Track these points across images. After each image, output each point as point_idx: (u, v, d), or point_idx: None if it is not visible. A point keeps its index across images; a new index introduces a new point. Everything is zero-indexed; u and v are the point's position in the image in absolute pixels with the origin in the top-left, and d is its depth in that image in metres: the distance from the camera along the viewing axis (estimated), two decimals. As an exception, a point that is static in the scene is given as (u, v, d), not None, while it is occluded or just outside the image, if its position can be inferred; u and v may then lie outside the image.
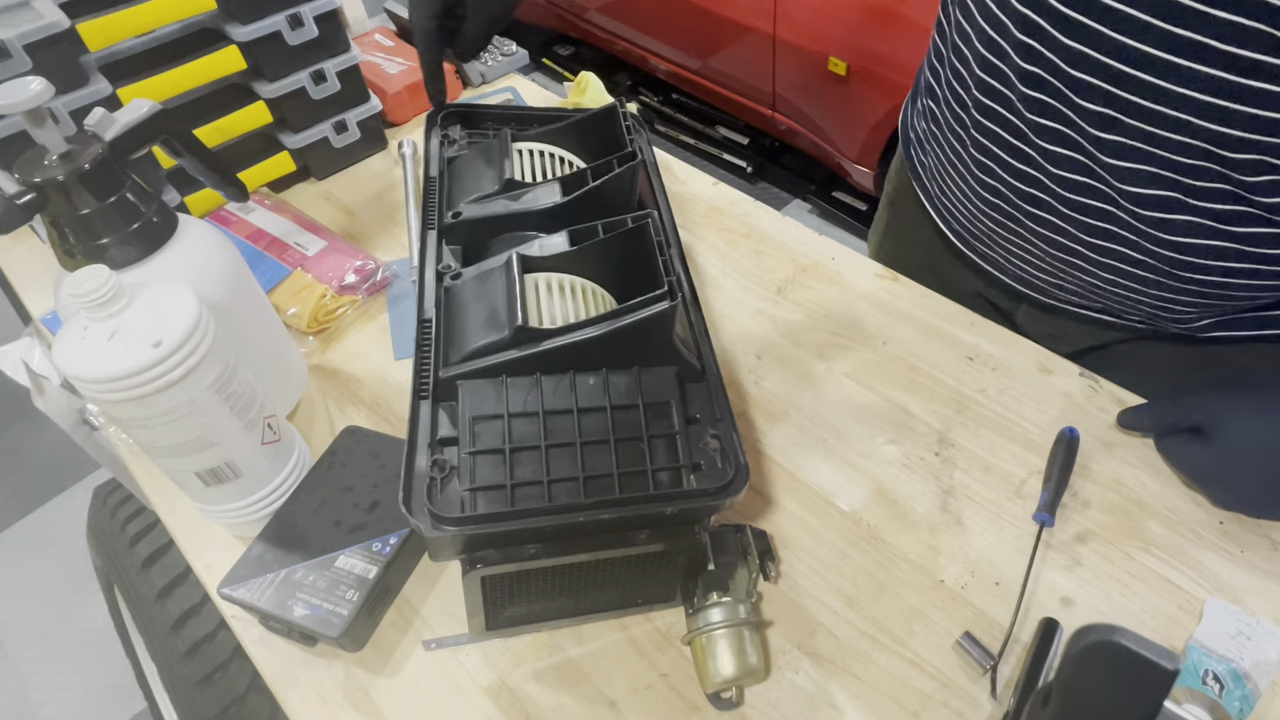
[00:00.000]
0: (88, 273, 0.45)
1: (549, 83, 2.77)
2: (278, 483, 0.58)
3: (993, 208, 0.63)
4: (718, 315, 0.74)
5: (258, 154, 0.87)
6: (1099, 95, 0.49)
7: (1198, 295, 0.57)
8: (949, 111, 0.63)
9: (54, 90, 0.48)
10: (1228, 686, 0.47)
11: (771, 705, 0.50)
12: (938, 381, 0.67)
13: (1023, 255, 0.64)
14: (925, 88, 0.69)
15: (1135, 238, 0.55)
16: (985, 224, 0.65)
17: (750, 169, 2.38)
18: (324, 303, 0.73)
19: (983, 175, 0.61)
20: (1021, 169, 0.57)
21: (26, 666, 1.57)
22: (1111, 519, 0.57)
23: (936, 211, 0.73)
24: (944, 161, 0.66)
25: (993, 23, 0.54)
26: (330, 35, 0.83)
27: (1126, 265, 0.57)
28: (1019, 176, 0.58)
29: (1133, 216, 0.53)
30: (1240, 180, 0.48)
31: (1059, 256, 0.61)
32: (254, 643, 0.55)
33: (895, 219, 0.83)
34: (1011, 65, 0.53)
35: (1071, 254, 0.60)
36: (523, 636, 0.54)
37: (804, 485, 0.61)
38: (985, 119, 0.58)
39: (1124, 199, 0.53)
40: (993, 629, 0.52)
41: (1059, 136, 0.53)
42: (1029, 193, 0.58)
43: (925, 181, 0.73)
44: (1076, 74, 0.49)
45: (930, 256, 0.77)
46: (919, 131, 0.71)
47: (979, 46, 0.56)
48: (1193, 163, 0.48)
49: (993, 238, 0.66)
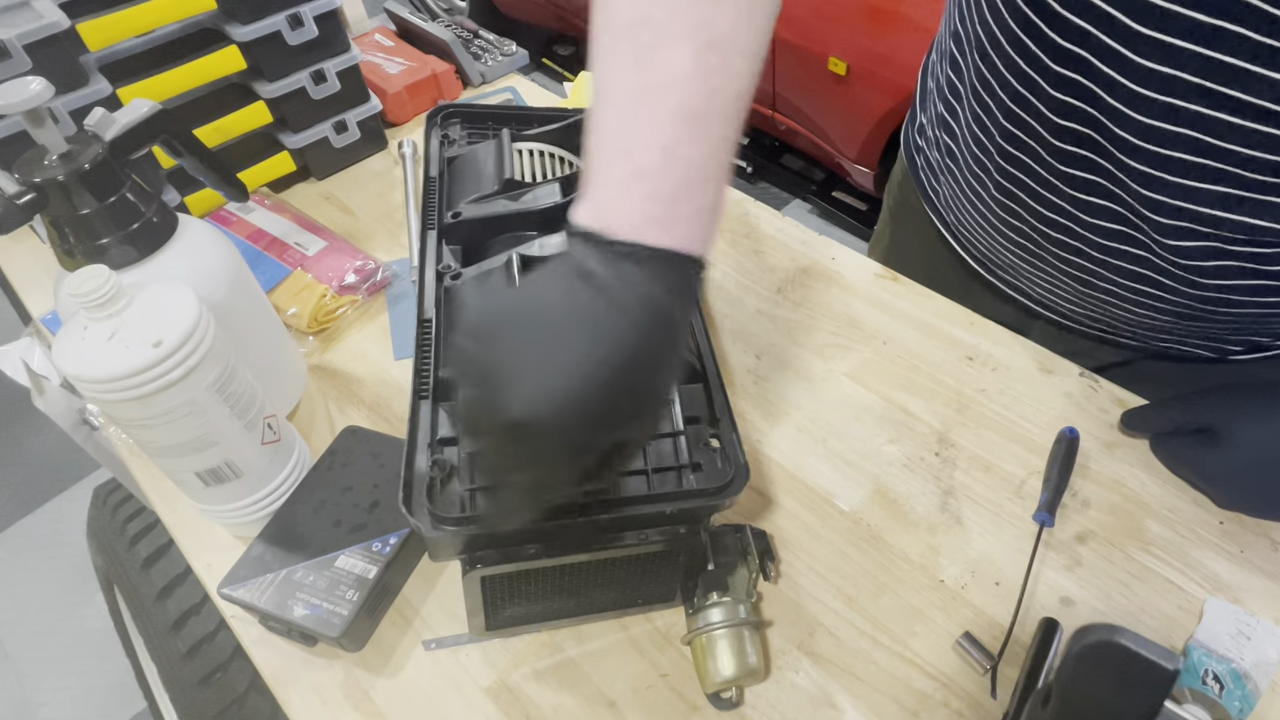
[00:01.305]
0: (88, 273, 0.45)
1: (549, 83, 2.77)
2: (278, 483, 0.58)
3: (1017, 245, 0.61)
4: (718, 315, 0.74)
5: (258, 154, 0.86)
6: (1144, 155, 0.47)
7: (1233, 327, 0.57)
8: (968, 151, 0.60)
9: (54, 90, 0.48)
10: (1228, 686, 0.47)
11: (771, 705, 0.50)
12: (938, 381, 0.67)
13: (1048, 287, 0.63)
14: (938, 120, 0.66)
15: (1172, 282, 0.54)
16: (1008, 256, 0.64)
17: (750, 169, 2.38)
18: (324, 303, 0.73)
19: (1005, 215, 0.59)
20: (1049, 215, 0.56)
21: (26, 666, 1.57)
22: (1111, 519, 0.57)
23: (953, 237, 0.71)
24: (962, 195, 0.64)
25: (1021, 78, 0.51)
26: (330, 35, 0.83)
27: (1159, 303, 0.56)
28: (1046, 221, 0.57)
29: (1170, 264, 0.52)
30: None
31: (1088, 293, 0.60)
32: (254, 643, 0.54)
33: (900, 233, 0.81)
34: (1042, 120, 0.51)
35: (1103, 292, 0.59)
36: (523, 636, 0.54)
37: (804, 485, 0.61)
38: (1010, 165, 0.56)
39: (1162, 249, 0.52)
40: (993, 629, 0.52)
41: (1094, 187, 0.52)
42: (1058, 237, 0.57)
43: (940, 209, 0.71)
44: (1120, 132, 0.47)
45: (940, 273, 0.75)
46: (932, 161, 0.69)
47: (1005, 99, 0.53)
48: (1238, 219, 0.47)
49: (1017, 269, 0.64)
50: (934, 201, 0.72)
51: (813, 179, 2.34)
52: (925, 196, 0.73)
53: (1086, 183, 0.52)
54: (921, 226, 0.75)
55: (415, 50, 1.03)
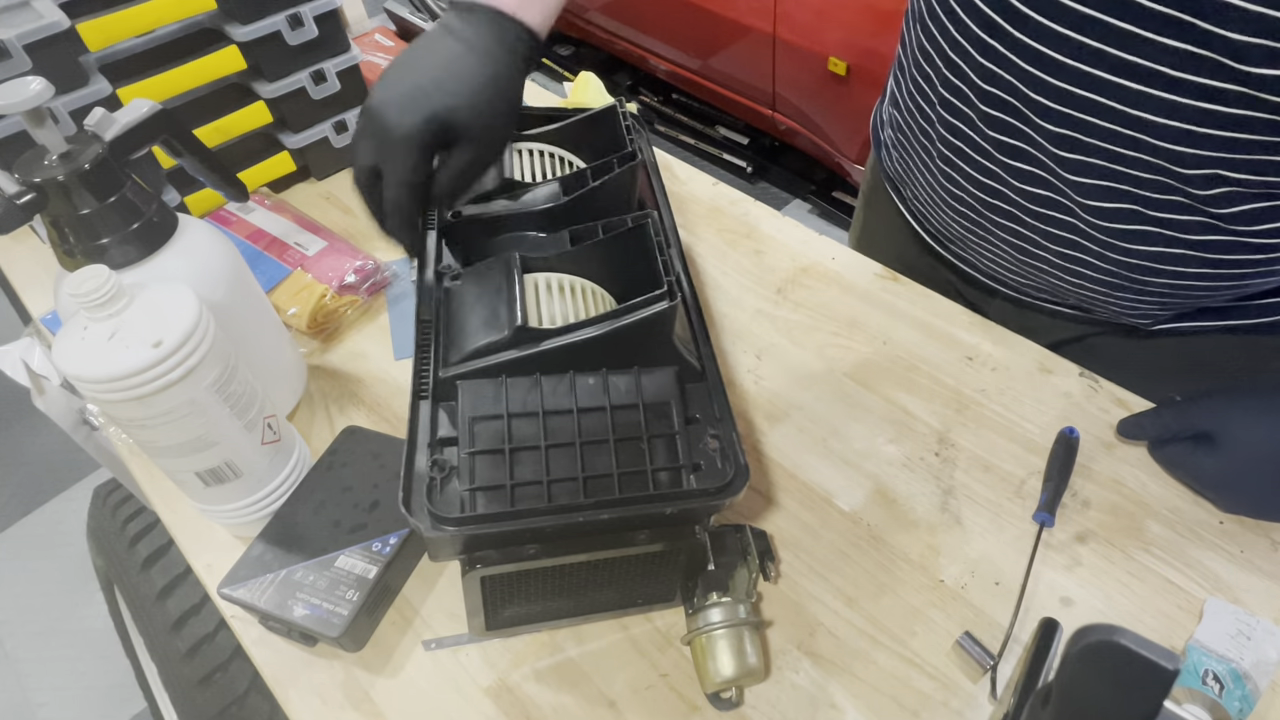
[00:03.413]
0: (88, 273, 0.45)
1: (549, 83, 2.77)
2: (278, 483, 0.58)
3: (960, 214, 0.64)
4: (718, 315, 0.74)
5: (258, 154, 0.86)
6: (1056, 116, 0.50)
7: (1158, 297, 0.58)
8: (913, 122, 0.64)
9: (54, 90, 0.48)
10: (1228, 686, 0.47)
11: (771, 705, 0.50)
12: (938, 381, 0.67)
13: (992, 257, 0.65)
14: (890, 96, 0.70)
15: (1096, 246, 0.56)
16: (955, 228, 0.66)
17: (750, 169, 2.38)
18: (324, 303, 0.73)
19: (948, 185, 0.62)
20: (985, 181, 0.58)
21: (26, 666, 1.56)
22: (1111, 519, 0.57)
23: (910, 213, 0.74)
24: (912, 168, 0.67)
25: (953, 45, 0.55)
26: (330, 35, 0.83)
27: (1089, 270, 0.58)
28: (983, 188, 0.59)
29: (1092, 227, 0.55)
30: (1195, 194, 0.49)
31: (1026, 261, 0.62)
32: (254, 643, 0.54)
33: (870, 216, 0.84)
34: (972, 86, 0.54)
35: (1037, 259, 0.61)
36: (523, 636, 0.54)
37: (804, 485, 0.61)
38: (949, 134, 0.59)
39: (1084, 211, 0.54)
40: (993, 629, 0.52)
41: (1020, 153, 0.54)
42: (993, 203, 0.59)
43: (897, 184, 0.74)
44: (1035, 96, 0.50)
45: (905, 252, 0.77)
46: (888, 137, 0.72)
47: (941, 66, 0.57)
48: (1149, 177, 0.50)
49: (964, 240, 0.67)
50: (891, 178, 0.74)
51: (813, 179, 2.34)
52: (885, 174, 0.76)
53: (1014, 149, 0.54)
54: (887, 208, 0.77)
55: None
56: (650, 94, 2.60)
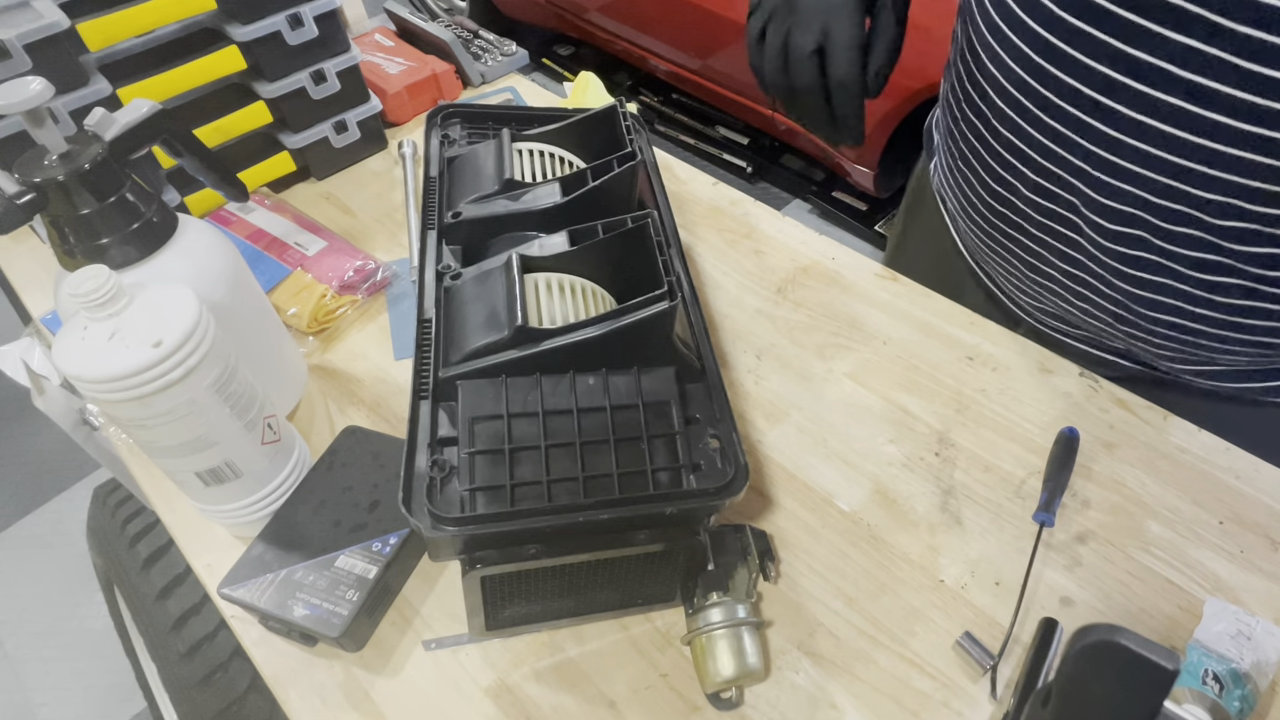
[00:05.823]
0: (88, 273, 0.45)
1: (549, 83, 2.77)
2: (278, 483, 0.58)
3: (974, 223, 0.63)
4: (718, 315, 0.74)
5: (258, 154, 0.86)
6: (1071, 121, 0.49)
7: (1165, 339, 0.57)
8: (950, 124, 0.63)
9: (54, 90, 0.48)
10: (1228, 686, 0.47)
11: (771, 705, 0.50)
12: (938, 381, 0.67)
13: (1006, 273, 0.65)
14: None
15: (1102, 270, 0.55)
16: (974, 238, 0.66)
17: (750, 169, 2.38)
18: (324, 303, 0.73)
19: (964, 185, 0.62)
20: (996, 188, 0.58)
21: (26, 666, 1.57)
22: (1111, 519, 0.57)
23: (953, 222, 0.73)
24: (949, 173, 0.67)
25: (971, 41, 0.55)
26: (330, 35, 0.83)
27: (1095, 296, 0.57)
28: (995, 195, 0.59)
29: (1099, 249, 0.53)
30: (1211, 225, 0.47)
31: (1036, 280, 0.61)
32: (254, 643, 0.54)
33: (911, 227, 0.82)
34: (990, 80, 0.54)
35: (1047, 277, 0.60)
36: (523, 636, 0.54)
37: (804, 485, 0.61)
38: (968, 131, 0.59)
39: (1091, 229, 0.53)
40: (993, 629, 0.52)
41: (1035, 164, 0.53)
42: (1002, 210, 0.59)
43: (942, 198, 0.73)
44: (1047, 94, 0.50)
45: (943, 270, 0.76)
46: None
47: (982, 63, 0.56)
48: (1161, 203, 0.48)
49: (983, 253, 0.66)
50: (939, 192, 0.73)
51: (813, 179, 2.34)
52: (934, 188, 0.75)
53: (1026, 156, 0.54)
54: (932, 221, 0.76)
55: (415, 50, 1.03)
56: (650, 94, 2.60)
